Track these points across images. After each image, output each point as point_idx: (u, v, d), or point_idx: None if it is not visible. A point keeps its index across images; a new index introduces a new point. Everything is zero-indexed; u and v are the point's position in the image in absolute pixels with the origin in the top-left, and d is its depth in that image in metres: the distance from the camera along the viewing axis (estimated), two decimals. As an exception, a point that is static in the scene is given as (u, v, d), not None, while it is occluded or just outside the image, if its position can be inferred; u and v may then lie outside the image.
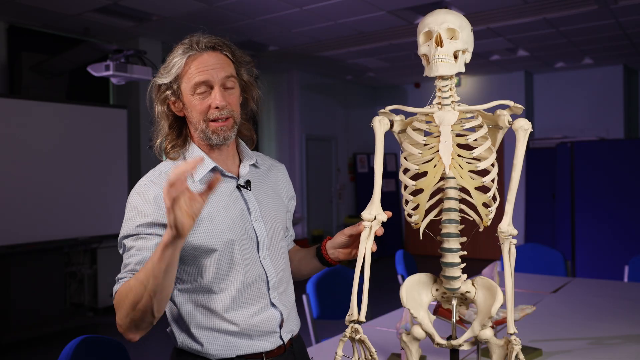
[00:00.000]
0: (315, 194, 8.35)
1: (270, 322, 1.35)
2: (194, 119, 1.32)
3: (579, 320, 2.33)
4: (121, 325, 1.17)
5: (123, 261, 1.24)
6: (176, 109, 1.34)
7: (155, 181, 1.30)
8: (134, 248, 1.23)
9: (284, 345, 1.39)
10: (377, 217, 1.24)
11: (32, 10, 4.97)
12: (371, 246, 1.23)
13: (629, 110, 8.02)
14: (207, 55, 1.30)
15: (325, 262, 1.44)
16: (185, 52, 1.30)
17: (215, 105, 1.29)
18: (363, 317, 1.19)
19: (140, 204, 1.26)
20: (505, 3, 5.06)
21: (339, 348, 1.19)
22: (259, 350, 1.34)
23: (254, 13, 5.24)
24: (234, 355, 1.32)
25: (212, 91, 1.29)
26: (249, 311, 1.33)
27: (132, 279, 1.16)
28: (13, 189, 4.72)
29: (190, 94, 1.30)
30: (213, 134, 1.31)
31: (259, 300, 1.34)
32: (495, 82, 8.50)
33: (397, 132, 1.31)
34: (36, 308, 4.81)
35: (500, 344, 1.18)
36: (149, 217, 1.25)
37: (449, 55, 1.19)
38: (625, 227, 5.05)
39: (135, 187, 1.31)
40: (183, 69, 1.30)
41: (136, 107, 6.05)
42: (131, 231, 1.24)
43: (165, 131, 1.35)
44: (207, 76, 1.28)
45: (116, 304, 1.18)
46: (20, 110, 4.81)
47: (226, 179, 1.36)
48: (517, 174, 1.17)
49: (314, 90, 8.45)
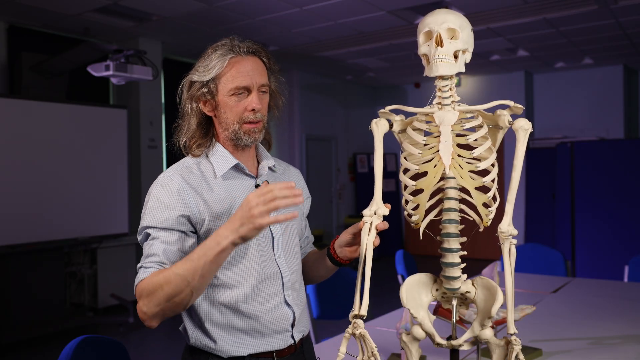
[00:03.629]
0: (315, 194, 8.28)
1: (283, 320, 1.37)
2: (227, 119, 1.35)
3: (579, 320, 2.33)
4: (146, 313, 1.19)
5: (145, 249, 1.27)
6: (207, 108, 1.37)
7: (178, 174, 1.33)
8: (159, 240, 1.25)
9: (295, 345, 1.40)
10: (377, 211, 1.24)
11: (32, 10, 4.97)
12: (372, 240, 1.23)
13: (629, 110, 8.02)
14: (248, 59, 1.34)
15: (335, 262, 1.46)
16: (227, 54, 1.32)
17: (251, 108, 1.33)
18: (364, 312, 1.19)
19: (164, 196, 1.29)
20: (505, 3, 5.06)
21: (342, 345, 1.20)
22: (271, 349, 1.35)
23: (254, 13, 5.24)
24: (246, 353, 1.33)
25: (249, 94, 1.33)
26: (264, 307, 1.34)
27: (169, 272, 1.17)
28: (13, 189, 4.72)
29: (227, 95, 1.33)
30: (245, 135, 1.35)
31: (274, 297, 1.36)
32: (495, 82, 8.50)
33: (397, 132, 1.31)
34: (36, 308, 4.81)
35: (500, 344, 1.18)
36: (173, 210, 1.28)
37: (449, 55, 1.20)
38: (625, 227, 5.05)
39: (159, 179, 1.34)
40: (223, 70, 1.32)
41: (136, 107, 6.05)
42: (155, 222, 1.27)
43: (193, 129, 1.37)
44: (248, 81, 1.32)
45: (144, 292, 1.19)
46: (20, 110, 4.81)
47: (246, 178, 1.40)
48: (517, 174, 1.18)
49: (314, 90, 8.45)
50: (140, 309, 1.20)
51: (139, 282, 1.21)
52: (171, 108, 6.70)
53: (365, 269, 1.22)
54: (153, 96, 6.23)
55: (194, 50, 6.56)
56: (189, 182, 1.32)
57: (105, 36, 5.86)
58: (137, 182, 6.02)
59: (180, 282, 1.15)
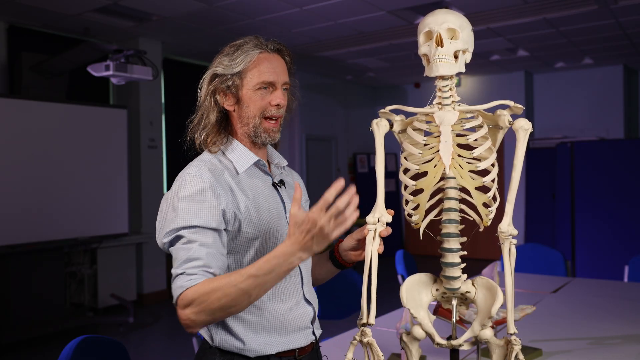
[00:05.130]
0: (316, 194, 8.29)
1: (304, 317, 1.39)
2: (249, 114, 1.35)
3: (579, 320, 2.33)
4: (194, 321, 1.15)
5: (180, 253, 1.20)
6: (228, 102, 1.36)
7: (206, 168, 1.29)
8: (197, 242, 1.20)
9: (315, 341, 1.43)
10: (380, 219, 1.24)
11: (32, 10, 4.97)
12: (377, 248, 1.24)
13: (629, 110, 8.02)
14: (275, 56, 1.36)
15: (339, 265, 1.46)
16: (255, 49, 1.33)
17: (276, 103, 1.34)
18: (372, 320, 1.20)
19: (196, 193, 1.24)
20: (505, 3, 5.06)
21: (349, 351, 1.21)
22: (294, 347, 1.36)
23: (254, 13, 5.24)
24: (274, 352, 1.32)
25: (273, 90, 1.34)
26: (286, 305, 1.35)
27: (226, 284, 1.14)
28: (13, 189, 4.72)
29: (253, 89, 1.33)
30: (264, 132, 1.35)
31: (294, 294, 1.38)
32: (495, 82, 8.50)
33: (397, 132, 1.31)
34: (36, 308, 4.81)
35: (500, 344, 1.18)
36: (210, 206, 1.23)
37: (449, 55, 1.19)
38: (625, 227, 5.05)
39: (185, 177, 1.28)
40: (251, 64, 1.33)
41: (136, 107, 6.04)
42: (190, 222, 1.21)
43: (212, 123, 1.36)
44: (275, 77, 1.34)
45: (194, 301, 1.14)
46: (20, 110, 4.80)
47: (264, 176, 1.40)
48: (517, 174, 1.18)
49: (314, 90, 8.45)
50: (188, 317, 1.15)
51: (185, 290, 1.15)
52: (171, 108, 6.70)
53: (371, 276, 1.22)
54: (153, 96, 6.23)
55: (194, 50, 6.56)
56: (216, 177, 1.28)
57: (105, 36, 5.86)
58: (137, 182, 6.02)
59: (241, 295, 1.13)
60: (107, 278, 5.59)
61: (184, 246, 1.20)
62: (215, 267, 1.20)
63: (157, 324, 5.30)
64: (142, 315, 5.57)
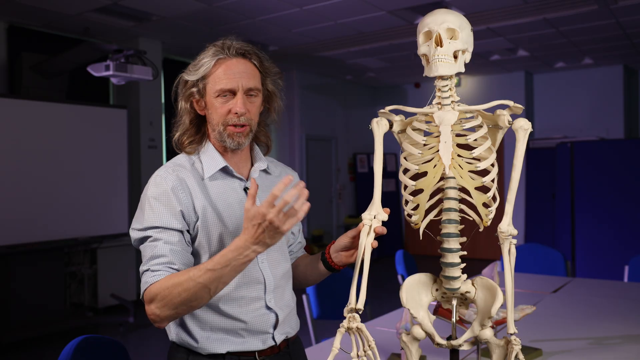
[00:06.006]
0: (315, 194, 8.33)
1: (264, 322, 1.36)
2: (213, 120, 1.36)
3: (579, 320, 2.33)
4: (159, 316, 1.21)
5: (147, 251, 1.26)
6: (199, 108, 1.38)
7: (172, 172, 1.34)
8: (162, 240, 1.25)
9: (278, 346, 1.39)
10: (376, 216, 1.24)
11: (32, 10, 4.97)
12: (371, 242, 1.24)
13: (629, 110, 8.02)
14: (236, 61, 1.34)
15: (330, 268, 1.45)
16: (215, 55, 1.34)
17: (235, 111, 1.33)
18: (361, 305, 1.19)
19: (160, 195, 1.29)
20: (505, 3, 5.06)
21: (336, 340, 1.18)
22: (250, 349, 1.35)
23: (254, 13, 5.24)
24: (224, 351, 1.33)
25: (234, 96, 1.33)
26: (244, 309, 1.34)
27: (185, 279, 1.18)
28: (13, 189, 4.72)
29: (214, 96, 1.34)
30: (228, 138, 1.35)
31: (255, 301, 1.36)
32: (495, 82, 8.50)
33: (396, 132, 1.31)
34: (36, 308, 4.81)
35: (500, 344, 1.18)
36: (172, 208, 1.28)
37: (449, 55, 1.19)
38: (625, 227, 5.05)
39: (153, 179, 1.34)
40: (210, 70, 1.33)
41: (136, 107, 6.05)
42: (155, 222, 1.27)
43: (186, 126, 1.40)
44: (233, 83, 1.32)
45: (157, 296, 1.19)
46: (20, 110, 4.80)
47: (234, 180, 1.40)
48: (517, 174, 1.17)
49: (314, 90, 8.45)
50: (153, 312, 1.21)
51: (149, 286, 1.21)
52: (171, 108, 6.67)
53: (363, 264, 1.22)
54: (153, 96, 6.23)
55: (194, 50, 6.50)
56: (182, 180, 1.32)
57: (105, 36, 5.86)
58: (137, 182, 6.02)
59: (200, 290, 1.17)
60: (107, 278, 5.59)
61: (150, 244, 1.26)
62: (179, 263, 1.25)
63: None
64: (142, 315, 5.56)
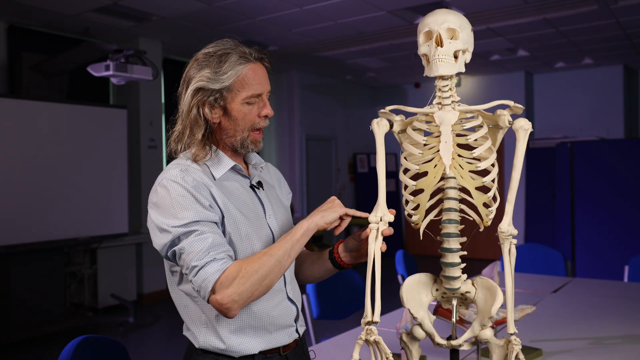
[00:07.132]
0: (315, 194, 8.34)
1: (288, 315, 1.39)
2: (237, 127, 1.33)
3: (579, 320, 2.33)
4: (237, 302, 1.20)
5: (195, 245, 1.21)
6: (214, 116, 1.33)
7: (185, 173, 1.30)
8: (210, 233, 1.24)
9: (299, 338, 1.43)
10: (382, 218, 1.24)
11: (32, 10, 4.97)
12: (380, 247, 1.24)
13: (629, 110, 8.02)
14: (259, 66, 1.35)
15: (338, 266, 1.46)
16: (241, 62, 1.31)
17: (265, 114, 1.35)
18: (377, 318, 1.20)
19: (187, 194, 1.26)
20: (505, 3, 5.06)
21: (355, 351, 1.20)
22: (278, 345, 1.36)
23: (254, 13, 5.24)
24: (256, 351, 1.33)
25: (261, 101, 1.34)
26: (269, 304, 1.35)
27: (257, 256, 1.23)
28: (13, 189, 4.72)
29: (241, 102, 1.32)
30: (252, 144, 1.36)
31: (277, 293, 1.37)
32: (495, 82, 8.50)
33: (397, 132, 1.31)
34: (36, 308, 4.81)
35: (500, 344, 1.18)
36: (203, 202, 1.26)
37: (449, 55, 1.19)
38: (625, 227, 5.05)
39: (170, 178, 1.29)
40: (239, 78, 1.30)
41: (136, 107, 6.05)
42: (195, 217, 1.23)
43: (198, 140, 1.34)
44: (262, 88, 1.33)
45: (235, 279, 1.19)
46: (20, 110, 4.80)
47: (242, 179, 1.41)
48: (517, 174, 1.18)
49: (314, 90, 8.45)
50: (230, 297, 1.18)
51: (222, 273, 1.19)
52: (171, 108, 6.68)
53: (374, 274, 1.22)
54: (153, 96, 6.23)
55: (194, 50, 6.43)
56: (198, 179, 1.30)
57: (105, 36, 5.86)
58: (137, 182, 6.02)
59: (275, 265, 1.22)
60: (107, 278, 5.59)
61: (196, 238, 1.22)
62: (232, 253, 1.27)
63: (157, 324, 5.30)
64: (142, 315, 5.57)
